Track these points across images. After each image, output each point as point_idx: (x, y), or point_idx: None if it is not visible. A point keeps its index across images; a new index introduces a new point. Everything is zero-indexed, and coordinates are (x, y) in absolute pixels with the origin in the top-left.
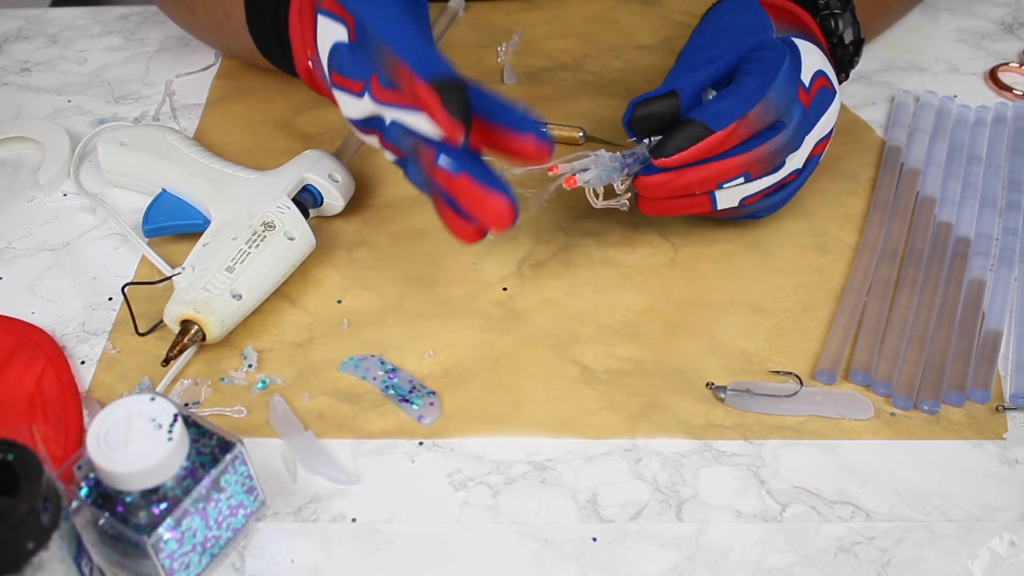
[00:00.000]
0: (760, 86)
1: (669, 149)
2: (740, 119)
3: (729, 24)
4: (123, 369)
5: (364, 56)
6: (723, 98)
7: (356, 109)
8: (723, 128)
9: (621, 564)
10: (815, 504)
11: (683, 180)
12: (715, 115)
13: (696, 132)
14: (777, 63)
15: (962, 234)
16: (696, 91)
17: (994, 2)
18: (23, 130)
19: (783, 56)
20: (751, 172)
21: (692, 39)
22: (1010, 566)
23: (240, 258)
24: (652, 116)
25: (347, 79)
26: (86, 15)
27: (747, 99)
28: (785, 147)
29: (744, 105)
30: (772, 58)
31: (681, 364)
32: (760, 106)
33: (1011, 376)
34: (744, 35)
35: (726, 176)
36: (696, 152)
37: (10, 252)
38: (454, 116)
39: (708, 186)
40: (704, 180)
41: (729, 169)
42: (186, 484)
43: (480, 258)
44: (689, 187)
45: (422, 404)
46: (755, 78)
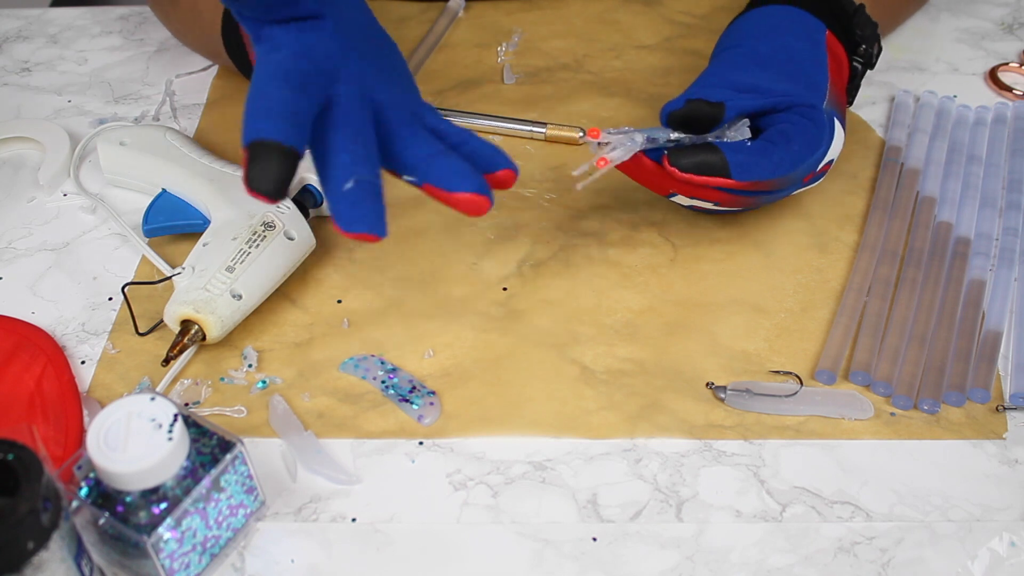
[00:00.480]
0: (792, 162)
1: (686, 165)
2: (757, 182)
3: (790, 52)
4: (123, 369)
5: None
6: (757, 154)
7: None
8: (741, 181)
9: (621, 564)
10: (815, 504)
11: (667, 182)
12: (742, 166)
13: (716, 166)
14: (814, 145)
15: (962, 234)
16: (738, 113)
17: (994, 2)
18: (23, 130)
19: (820, 141)
20: (721, 203)
21: (750, 45)
22: (1010, 566)
23: (240, 258)
24: (695, 117)
25: None
26: (86, 15)
27: (775, 168)
28: (763, 203)
29: (770, 173)
30: (812, 136)
31: (681, 364)
32: (779, 179)
33: (1011, 376)
34: (799, 77)
35: (703, 197)
36: (703, 181)
37: (10, 252)
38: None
39: (683, 194)
40: (683, 190)
41: (707, 196)
42: (186, 484)
43: (480, 258)
44: (665, 189)
45: (422, 404)
46: (790, 152)
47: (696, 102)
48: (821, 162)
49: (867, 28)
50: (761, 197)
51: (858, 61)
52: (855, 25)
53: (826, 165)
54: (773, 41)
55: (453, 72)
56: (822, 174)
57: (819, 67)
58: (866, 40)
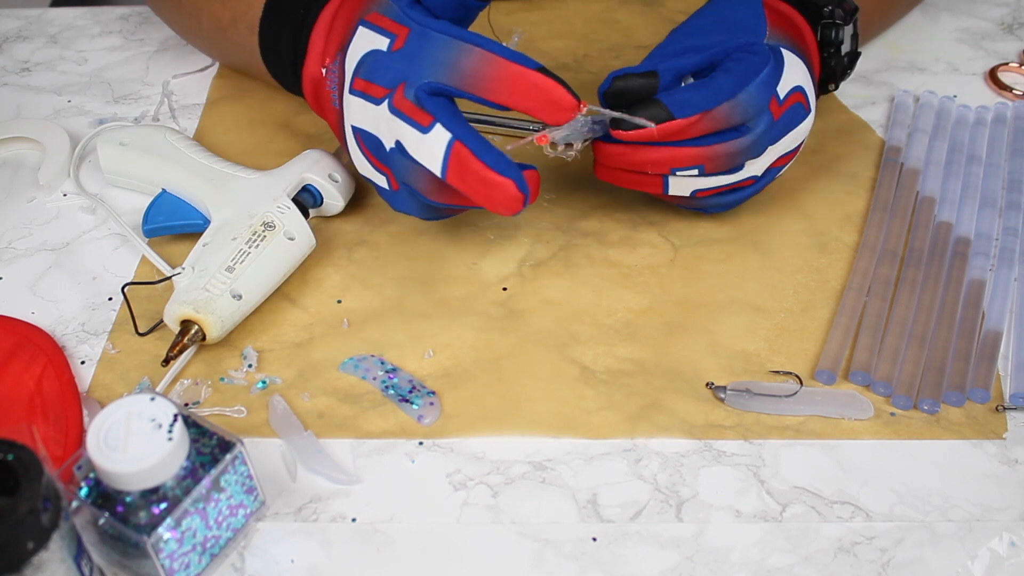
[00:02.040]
0: (733, 86)
1: (627, 124)
2: (704, 113)
3: (725, 17)
4: (123, 369)
5: (405, 63)
6: (693, 89)
7: (366, 116)
8: (685, 117)
9: (621, 564)
10: (815, 504)
11: (637, 157)
12: (680, 103)
13: (657, 114)
14: (756, 68)
15: (962, 234)
16: (676, 76)
17: (994, 2)
18: (23, 130)
19: (764, 63)
20: (706, 167)
21: (686, 22)
22: (1010, 566)
23: (240, 258)
24: (628, 91)
25: (373, 84)
26: (86, 15)
27: (716, 95)
28: (745, 151)
29: (711, 100)
30: (753, 62)
31: (681, 364)
32: (727, 105)
33: (1011, 376)
34: (736, 31)
35: (679, 164)
36: (657, 132)
37: (10, 252)
38: (574, 94)
39: (660, 169)
40: (657, 162)
41: (683, 158)
42: (186, 484)
43: (480, 258)
44: (642, 165)
45: (422, 404)
46: (730, 77)
47: (624, 76)
48: (774, 88)
49: None
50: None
51: (828, 22)
52: None
53: (794, 95)
54: (709, 14)
55: None
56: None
57: (756, 18)
58: (830, 1)
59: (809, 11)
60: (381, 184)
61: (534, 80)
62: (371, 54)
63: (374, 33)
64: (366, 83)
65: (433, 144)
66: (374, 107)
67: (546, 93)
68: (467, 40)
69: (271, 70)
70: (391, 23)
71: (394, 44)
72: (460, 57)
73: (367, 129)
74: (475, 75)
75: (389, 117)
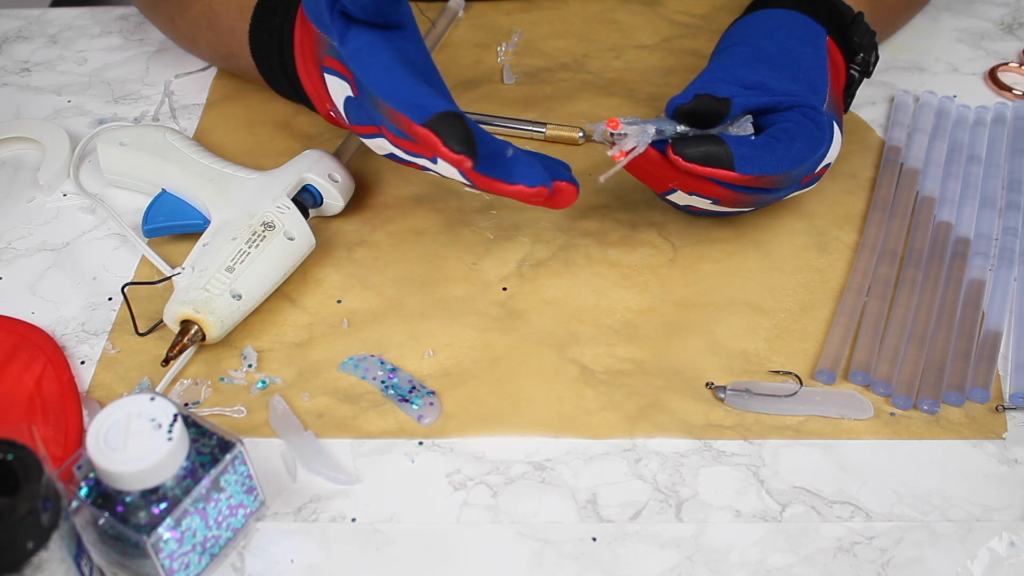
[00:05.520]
0: (794, 161)
1: (691, 155)
2: (760, 176)
3: (792, 53)
4: (123, 369)
5: (369, 108)
6: (761, 149)
7: (384, 148)
8: (743, 173)
9: (621, 564)
10: (815, 504)
11: (669, 174)
12: (746, 158)
13: (721, 158)
14: (815, 146)
15: (962, 234)
16: (743, 110)
17: (994, 2)
18: (23, 130)
19: (822, 143)
20: (721, 203)
21: (755, 44)
22: (1010, 566)
23: (240, 258)
24: (702, 113)
25: (368, 127)
26: (86, 15)
27: (777, 165)
28: (761, 203)
29: (773, 168)
30: (815, 139)
31: (681, 364)
32: (781, 176)
33: (1011, 376)
34: (803, 81)
35: (700, 192)
36: (707, 172)
37: (10, 252)
38: (456, 150)
39: (682, 187)
40: (683, 184)
41: (708, 190)
42: (186, 484)
43: (480, 258)
44: (672, 181)
45: (422, 404)
46: (792, 151)
47: (703, 97)
48: (820, 163)
49: (865, 36)
50: (760, 196)
51: (855, 69)
52: (853, 33)
53: (823, 168)
54: (777, 41)
55: (453, 72)
56: (818, 177)
57: (820, 70)
58: (864, 48)
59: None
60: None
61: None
62: (347, 102)
63: (336, 79)
64: (362, 127)
65: (444, 168)
66: (385, 141)
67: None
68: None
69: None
70: (340, 66)
71: (353, 89)
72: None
73: (397, 156)
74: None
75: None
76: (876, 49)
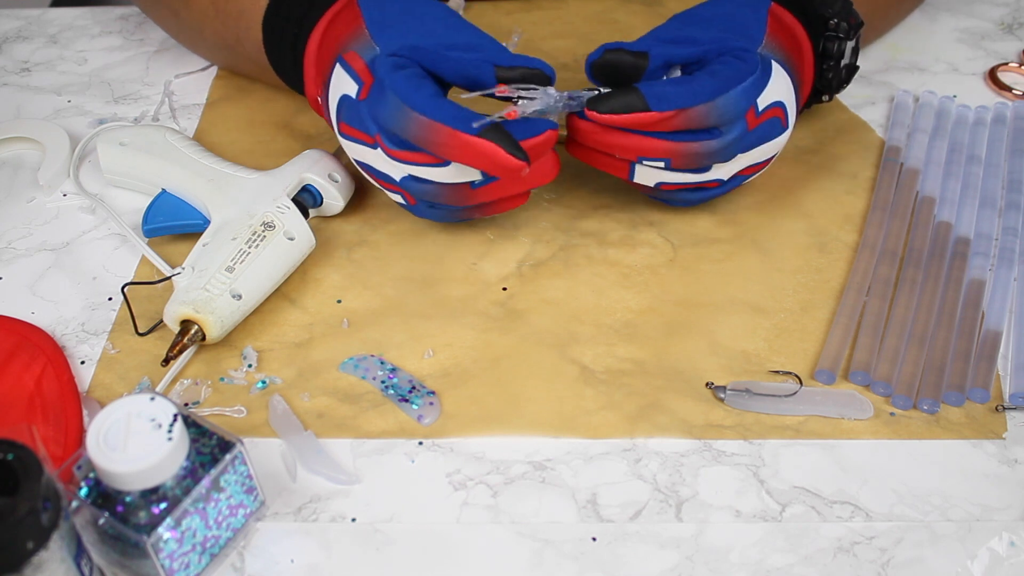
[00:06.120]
0: (713, 89)
1: (604, 107)
2: (679, 110)
3: (728, 14)
4: (123, 369)
5: (370, 116)
6: (674, 84)
7: (367, 156)
8: (660, 111)
9: (621, 564)
10: (815, 504)
11: (606, 139)
12: (658, 96)
13: (634, 103)
14: (740, 76)
15: (962, 234)
16: (665, 62)
17: (994, 2)
18: (23, 130)
19: (749, 72)
20: (673, 161)
21: (691, 9)
22: (1010, 566)
23: (240, 258)
24: (617, 67)
25: (358, 131)
26: (86, 15)
27: (695, 95)
28: (713, 154)
29: (689, 99)
30: (739, 68)
31: (681, 364)
32: (703, 107)
33: (1010, 376)
34: (735, 31)
35: (646, 153)
36: (626, 121)
37: (10, 252)
38: (517, 156)
39: (627, 155)
40: (625, 148)
41: (651, 148)
42: (186, 484)
43: (480, 258)
44: (610, 148)
45: (422, 404)
46: (713, 80)
47: (616, 51)
48: (754, 99)
49: (836, 3)
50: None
51: (832, 35)
52: (818, 5)
53: (774, 109)
54: (714, 8)
55: None
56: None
57: (757, 23)
58: (836, 14)
59: (813, 21)
60: (398, 200)
61: (476, 147)
62: (344, 99)
63: (347, 76)
64: (351, 128)
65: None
66: (370, 149)
67: (490, 158)
68: (413, 105)
69: (289, 85)
70: (363, 67)
71: (361, 92)
72: (409, 123)
73: (370, 164)
74: (424, 140)
75: (393, 163)
76: (855, 15)
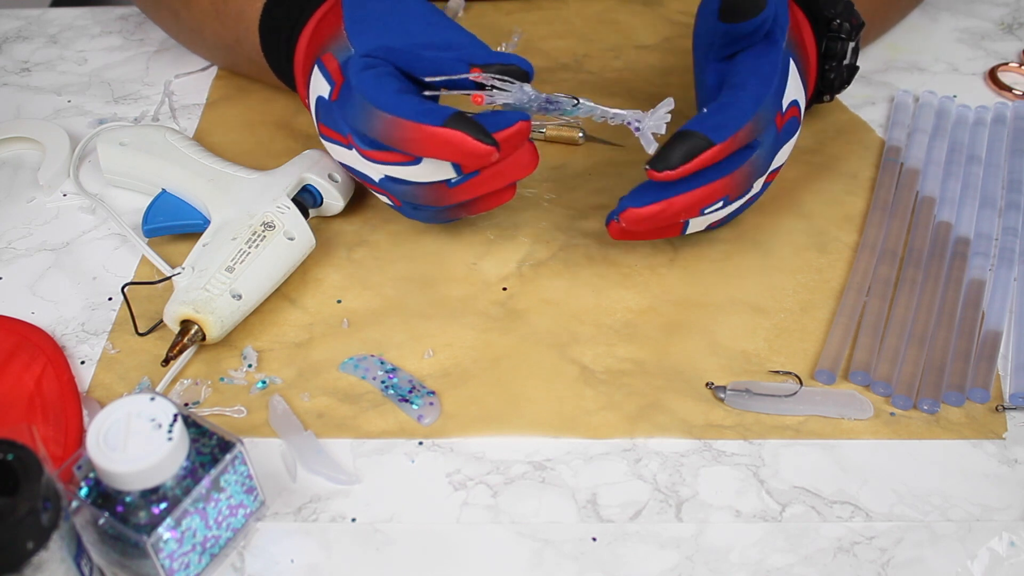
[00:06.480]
0: (755, 100)
1: (670, 163)
2: (738, 132)
3: None
4: (123, 369)
5: (341, 117)
6: (720, 111)
7: (346, 158)
8: (724, 140)
9: (621, 564)
10: (815, 504)
11: (672, 210)
12: (715, 127)
13: (698, 144)
14: (770, 79)
15: (962, 234)
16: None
17: (994, 2)
18: (23, 130)
19: (776, 73)
20: (730, 195)
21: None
22: (1010, 566)
23: (240, 258)
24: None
25: (334, 132)
26: (86, 15)
27: (744, 112)
28: (758, 169)
29: (742, 118)
30: (767, 73)
31: (681, 364)
32: (752, 122)
33: (1011, 376)
34: None
35: (711, 200)
36: (699, 164)
37: (10, 252)
38: (485, 141)
39: (693, 213)
40: (691, 206)
41: (714, 192)
42: (186, 484)
43: (480, 258)
44: (677, 215)
45: (422, 404)
46: (749, 93)
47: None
48: (781, 100)
49: (839, 4)
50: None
51: (835, 36)
52: (823, 6)
53: (792, 109)
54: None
55: None
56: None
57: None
58: (839, 15)
59: (816, 21)
60: (385, 201)
61: (443, 137)
62: (320, 101)
63: (322, 77)
64: (327, 129)
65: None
66: (347, 151)
67: (458, 147)
68: (377, 103)
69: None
70: (336, 68)
71: (333, 93)
72: (374, 121)
73: (351, 166)
74: (391, 138)
75: (369, 164)
76: (856, 16)
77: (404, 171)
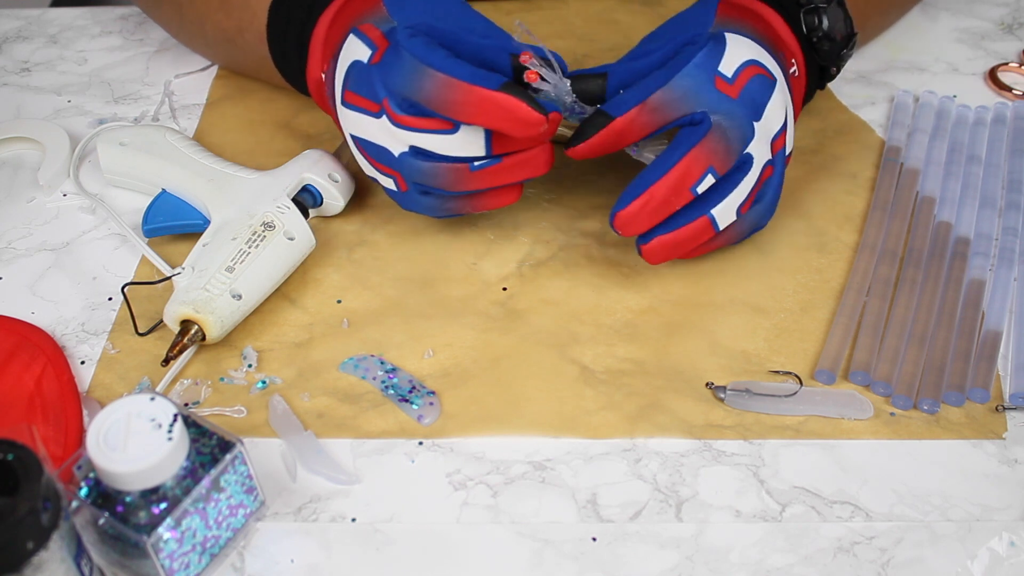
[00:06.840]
0: (662, 76)
1: (577, 140)
2: (639, 105)
3: (678, 18)
4: (123, 369)
5: (380, 80)
6: (628, 89)
7: (368, 128)
8: (621, 114)
9: (621, 564)
10: (815, 504)
11: (655, 196)
12: (616, 103)
13: (600, 121)
14: (688, 56)
15: (962, 234)
16: (627, 78)
17: (994, 2)
18: (23, 130)
19: (696, 50)
20: (715, 167)
21: (653, 31)
22: (1010, 566)
23: (240, 258)
24: (584, 93)
25: (363, 98)
26: (86, 15)
27: (647, 87)
28: (732, 136)
29: (643, 93)
30: (686, 51)
31: (681, 364)
32: (663, 93)
33: (1011, 376)
34: (685, 27)
35: (690, 176)
36: (602, 138)
37: (10, 252)
38: (538, 110)
39: (681, 193)
40: (674, 187)
41: (688, 167)
42: (186, 484)
43: (480, 258)
44: (665, 201)
45: (422, 404)
46: (664, 70)
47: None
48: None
49: None
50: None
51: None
52: None
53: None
54: (670, 21)
55: None
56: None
57: (705, 15)
58: None
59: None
60: (388, 186)
61: (498, 101)
62: (355, 65)
63: (361, 43)
64: (356, 96)
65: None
66: (373, 119)
67: (511, 112)
68: (432, 64)
69: (285, 76)
70: (379, 35)
71: (374, 56)
72: (425, 81)
73: (368, 139)
74: (440, 99)
75: (396, 130)
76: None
77: (436, 141)
